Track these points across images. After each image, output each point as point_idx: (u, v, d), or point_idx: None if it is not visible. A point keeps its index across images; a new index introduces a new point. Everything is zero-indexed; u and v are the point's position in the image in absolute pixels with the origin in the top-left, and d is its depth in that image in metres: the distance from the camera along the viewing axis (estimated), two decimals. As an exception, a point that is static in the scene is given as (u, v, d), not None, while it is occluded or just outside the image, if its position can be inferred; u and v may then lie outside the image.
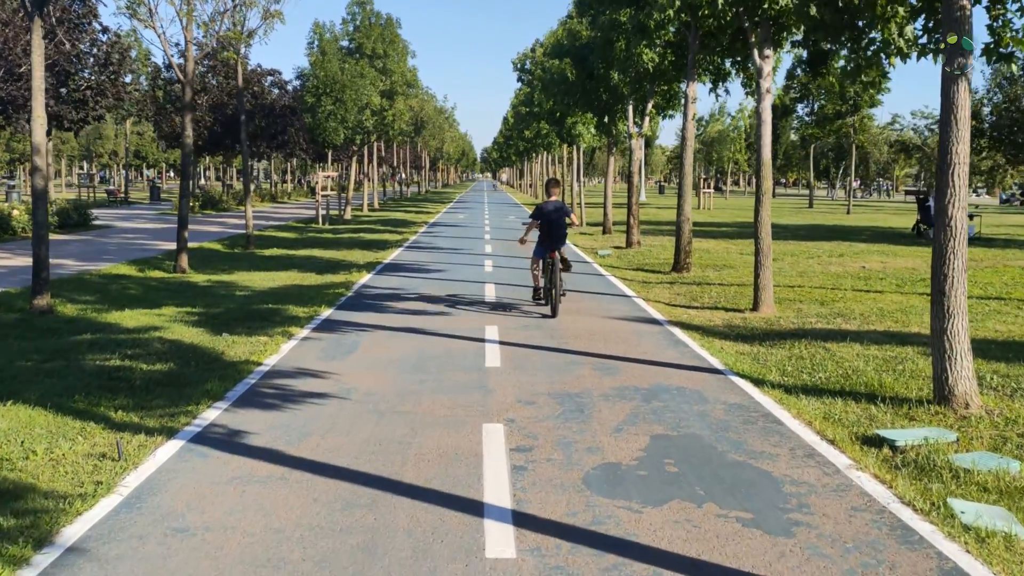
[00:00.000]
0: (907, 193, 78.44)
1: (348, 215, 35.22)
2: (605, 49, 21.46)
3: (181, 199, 15.92)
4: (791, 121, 75.92)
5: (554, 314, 10.60)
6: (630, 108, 21.31)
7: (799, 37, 12.06)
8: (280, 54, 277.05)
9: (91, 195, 44.74)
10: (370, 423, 6.05)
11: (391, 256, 18.92)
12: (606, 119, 25.17)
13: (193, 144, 40.16)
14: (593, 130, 26.03)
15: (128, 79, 46.32)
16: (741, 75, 16.44)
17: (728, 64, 16.71)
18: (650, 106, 21.08)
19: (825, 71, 11.81)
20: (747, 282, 14.25)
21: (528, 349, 8.67)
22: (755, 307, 11.40)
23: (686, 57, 17.13)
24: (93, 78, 25.15)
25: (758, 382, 7.37)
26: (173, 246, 21.07)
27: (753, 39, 11.40)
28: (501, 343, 8.96)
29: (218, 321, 10.18)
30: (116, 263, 16.77)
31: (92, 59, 25.59)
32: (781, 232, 27.06)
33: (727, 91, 17.80)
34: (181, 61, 19.08)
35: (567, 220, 10.98)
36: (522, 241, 11.86)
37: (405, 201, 57.72)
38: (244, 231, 26.04)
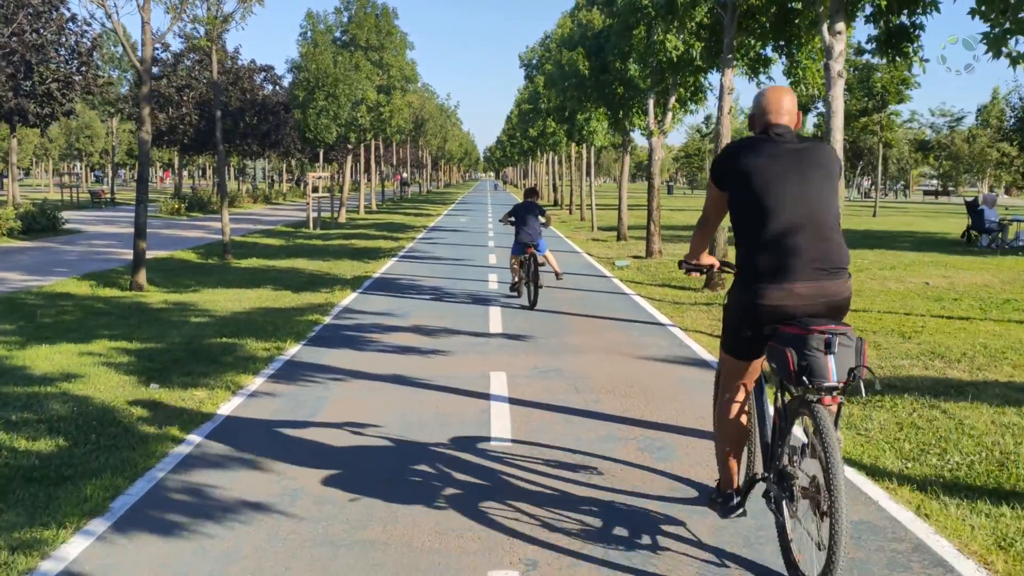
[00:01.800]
0: (926, 194, 76.15)
1: (342, 218, 33.11)
2: (622, 38, 19.33)
3: (138, 205, 13.78)
4: (802, 122, 73.77)
5: (532, 306, 11.53)
6: (651, 102, 19.15)
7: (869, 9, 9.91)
8: (278, 51, 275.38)
9: (74, 195, 42.65)
10: (314, 573, 3.90)
11: (383, 268, 16.78)
12: (620, 115, 23.06)
13: (179, 143, 38.14)
14: (607, 126, 23.87)
15: (114, 73, 44.37)
16: (785, 61, 14.36)
17: (769, 50, 14.63)
18: (672, 101, 18.93)
19: (906, 49, 9.61)
20: (799, 304, 12.08)
21: (547, 412, 6.52)
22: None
23: (719, 42, 15.02)
24: (60, 70, 23.05)
25: (874, 472, 5.23)
26: (147, 254, 19.03)
27: (822, 10, 9.23)
28: (511, 401, 6.80)
29: (153, 364, 8.04)
30: (68, 277, 14.68)
31: (62, 49, 23.51)
32: (811, 238, 24.89)
33: (770, 78, 15.56)
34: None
35: (541, 220, 11.94)
36: (503, 221, 12.43)
37: (405, 202, 55.62)
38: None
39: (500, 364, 8.14)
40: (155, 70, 38.40)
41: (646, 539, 4.21)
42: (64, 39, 23.02)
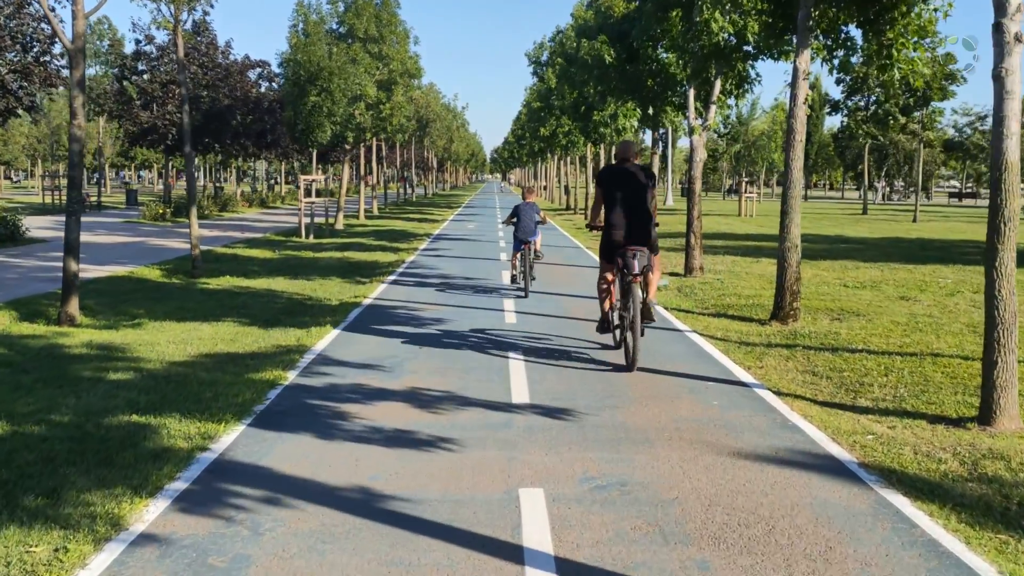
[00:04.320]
0: (951, 196, 73.04)
1: (339, 225, 30.41)
2: (655, 21, 16.59)
3: (68, 217, 11.06)
4: (821, 120, 70.89)
5: (526, 295, 12.95)
6: (691, 94, 16.38)
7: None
8: (273, 48, 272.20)
9: (56, 199, 40.04)
10: None
11: (376, 291, 14.04)
12: (650, 110, 20.32)
13: (160, 142, 35.46)
14: (635, 123, 21.11)
15: (97, 70, 41.69)
16: (870, 39, 11.60)
17: (852, 27, 11.87)
18: (717, 92, 16.15)
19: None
20: (907, 347, 9.34)
21: (628, 599, 3.76)
22: (985, 418, 6.49)
23: (786, 17, 12.31)
24: (17, 59, 20.37)
25: None
26: (104, 270, 16.37)
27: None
28: (558, 564, 4.06)
29: (8, 472, 5.29)
30: (-11, 305, 11.98)
31: (20, 36, 20.82)
32: (861, 249, 22.11)
33: (848, 61, 12.85)
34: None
35: (538, 218, 13.29)
36: (506, 223, 13.75)
37: (409, 206, 52.88)
38: (206, 247, 21.42)
39: (534, 471, 5.39)
40: (139, 65, 35.80)
41: None
42: (24, 24, 20.37)
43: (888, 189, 76.81)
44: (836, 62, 12.36)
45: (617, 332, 8.81)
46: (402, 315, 11.57)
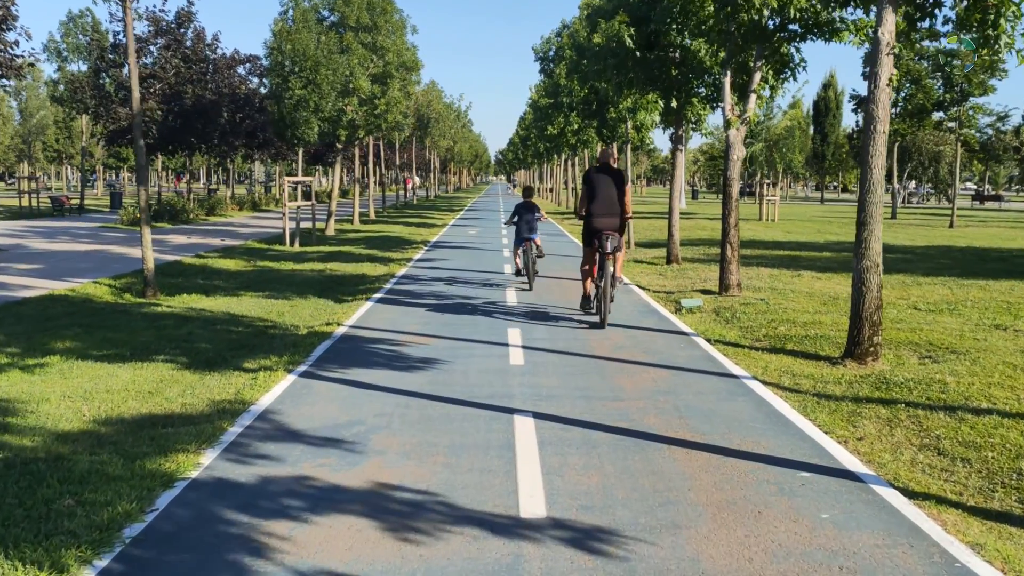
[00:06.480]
0: (974, 199, 70.54)
1: (331, 230, 28.11)
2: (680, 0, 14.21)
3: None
4: (838, 119, 68.47)
5: (530, 288, 14.12)
6: (727, 82, 14.02)
7: None
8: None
9: (32, 202, 37.82)
10: None
11: (355, 315, 11.69)
12: (674, 103, 17.98)
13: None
14: (657, 117, 18.75)
15: (79, 66, 39.49)
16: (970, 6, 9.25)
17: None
18: (757, 79, 13.79)
19: None
20: (1056, 409, 6.95)
21: None
22: None
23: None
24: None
25: None
26: (46, 286, 13.98)
27: None
28: None
29: None
30: None
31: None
32: (911, 260, 19.70)
33: (937, 38, 10.53)
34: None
35: (537, 216, 14.32)
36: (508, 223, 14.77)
37: (408, 209, 50.55)
38: (175, 257, 19.21)
39: None
40: (120, 57, 33.53)
41: None
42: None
43: (905, 192, 74.43)
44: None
45: (595, 301, 10.89)
46: (380, 352, 9.22)
